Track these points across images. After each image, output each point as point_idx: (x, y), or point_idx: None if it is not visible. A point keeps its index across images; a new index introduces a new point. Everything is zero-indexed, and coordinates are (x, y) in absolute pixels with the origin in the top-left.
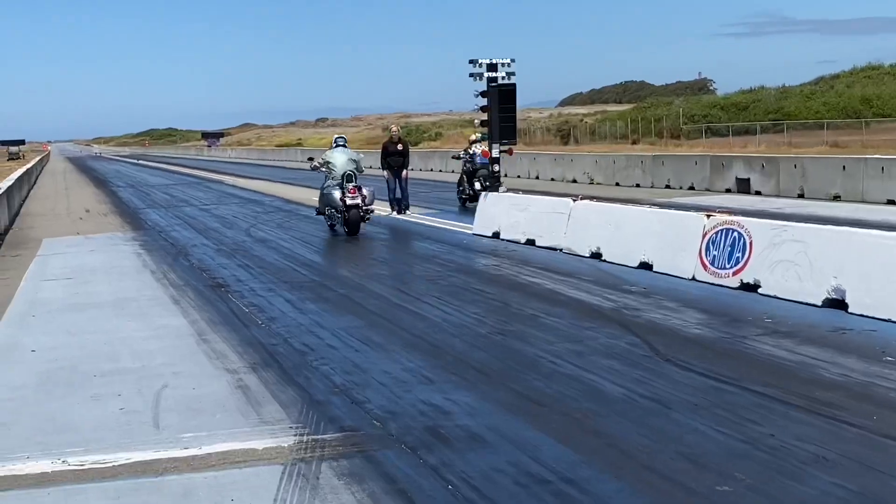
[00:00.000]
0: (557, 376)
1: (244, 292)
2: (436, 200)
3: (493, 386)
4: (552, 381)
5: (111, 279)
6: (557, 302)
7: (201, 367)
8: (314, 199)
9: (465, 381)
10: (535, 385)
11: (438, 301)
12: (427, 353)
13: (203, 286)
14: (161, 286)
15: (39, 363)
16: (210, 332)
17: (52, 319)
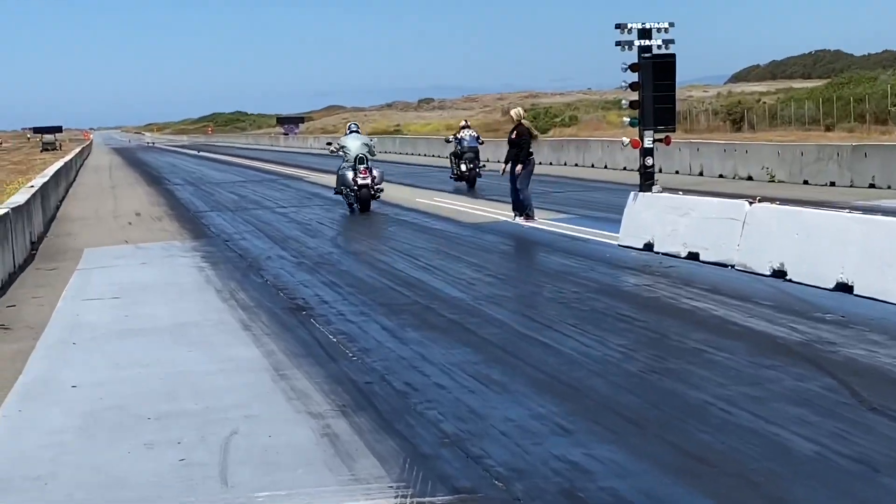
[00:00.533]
0: (730, 428)
1: (330, 317)
2: (570, 202)
3: (647, 439)
4: (723, 433)
5: (167, 299)
6: (729, 333)
7: (279, 410)
8: (418, 199)
9: (611, 433)
10: (701, 438)
11: (575, 330)
12: (561, 395)
13: (280, 309)
14: (228, 308)
15: (82, 402)
16: (289, 367)
17: (97, 348)
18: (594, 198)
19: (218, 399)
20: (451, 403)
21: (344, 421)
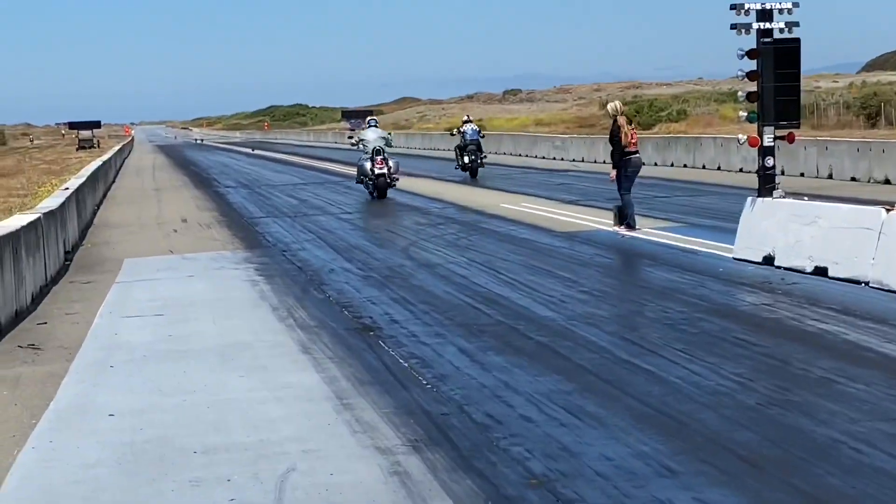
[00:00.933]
0: (864, 471)
1: (402, 338)
2: (677, 209)
3: (767, 482)
4: (856, 476)
5: (217, 317)
6: (863, 360)
7: (342, 444)
8: (502, 204)
9: (724, 474)
10: (830, 483)
11: (683, 356)
12: (667, 431)
13: (344, 329)
14: (286, 328)
15: (120, 433)
16: (354, 395)
17: (137, 372)
18: (705, 203)
19: (273, 431)
20: (539, 439)
21: (416, 457)
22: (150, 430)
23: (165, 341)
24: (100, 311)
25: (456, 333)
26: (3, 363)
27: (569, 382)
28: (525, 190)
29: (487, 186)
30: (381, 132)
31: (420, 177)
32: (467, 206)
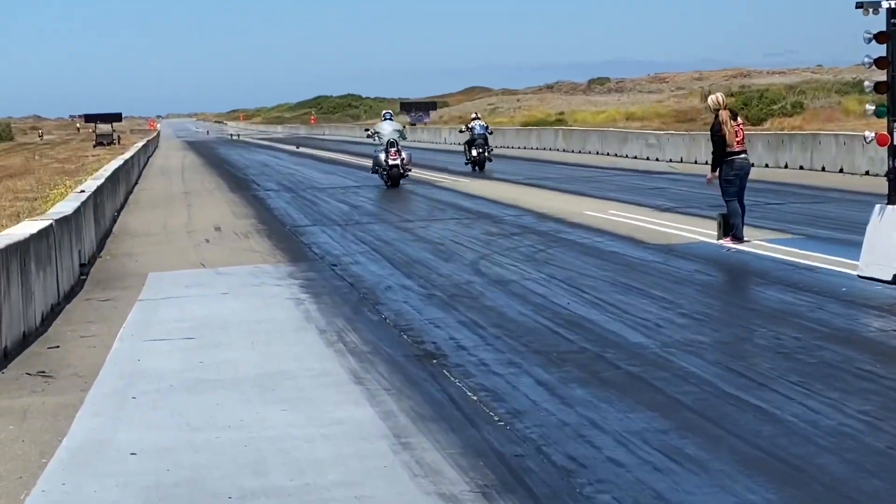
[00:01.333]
0: None
1: (469, 367)
2: (792, 217)
3: None
4: None
5: (255, 341)
6: None
7: (400, 491)
8: (587, 212)
9: None
10: None
11: (799, 390)
12: (780, 477)
13: (403, 356)
14: (335, 354)
15: (143, 475)
16: (414, 433)
17: (163, 404)
18: (825, 212)
19: (320, 474)
20: (629, 485)
21: None
22: (178, 471)
23: (196, 369)
24: (120, 333)
25: (533, 362)
26: (10, 393)
27: (664, 420)
28: (613, 195)
29: (568, 191)
30: (397, 125)
31: (494, 180)
32: (546, 214)
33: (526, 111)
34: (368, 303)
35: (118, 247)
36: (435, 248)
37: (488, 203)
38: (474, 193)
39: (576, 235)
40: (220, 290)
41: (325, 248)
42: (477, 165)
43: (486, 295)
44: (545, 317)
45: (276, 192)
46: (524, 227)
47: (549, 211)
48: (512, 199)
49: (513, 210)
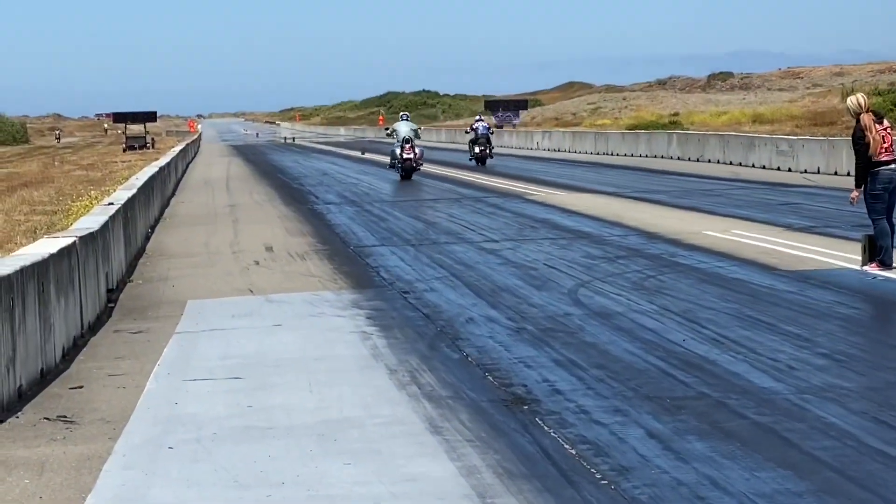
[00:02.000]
0: None
1: (567, 415)
2: None
3: None
4: None
5: (313, 382)
6: None
7: None
8: (706, 231)
9: None
10: None
11: None
12: None
13: (488, 401)
14: (407, 398)
15: None
16: (502, 493)
17: (204, 456)
18: None
19: None
20: None
21: None
22: None
23: (243, 415)
24: (154, 371)
25: (642, 409)
26: (26, 441)
27: (800, 480)
28: (737, 212)
29: (683, 206)
30: (413, 125)
31: (595, 193)
32: (657, 234)
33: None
34: (447, 338)
35: (152, 269)
36: (526, 273)
37: (588, 220)
38: (572, 209)
39: (692, 259)
40: (271, 322)
41: (396, 273)
42: (479, 161)
43: (586, 329)
44: (657, 356)
45: (338, 205)
46: (631, 250)
47: (660, 230)
48: (616, 216)
49: (617, 229)
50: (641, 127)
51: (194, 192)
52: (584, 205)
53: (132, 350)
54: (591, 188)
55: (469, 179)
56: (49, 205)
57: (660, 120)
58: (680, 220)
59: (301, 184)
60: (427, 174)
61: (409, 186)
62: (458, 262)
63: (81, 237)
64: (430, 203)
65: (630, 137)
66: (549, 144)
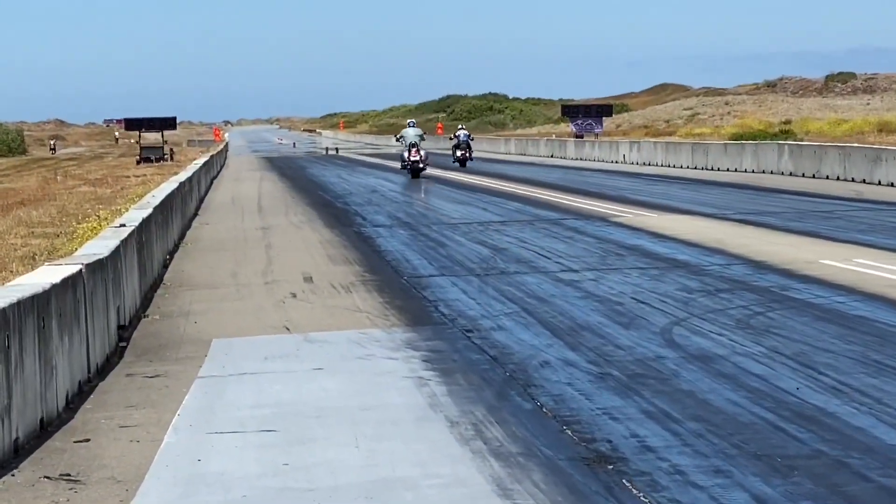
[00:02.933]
0: None
1: (659, 476)
2: None
3: None
4: None
5: (361, 436)
6: None
7: None
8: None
9: None
10: None
11: None
12: None
13: (566, 459)
14: (472, 456)
15: None
16: None
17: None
18: None
19: None
20: None
21: None
22: None
23: (279, 474)
24: (173, 422)
25: (748, 470)
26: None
27: None
28: (860, 237)
29: (797, 231)
30: (418, 131)
31: (693, 214)
32: (766, 263)
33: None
34: (518, 384)
35: (171, 303)
36: (610, 308)
37: (684, 246)
38: (665, 233)
39: (808, 293)
40: (311, 365)
41: (458, 308)
42: (461, 163)
43: (681, 375)
44: (765, 407)
45: (389, 228)
46: (735, 281)
47: (769, 259)
48: (717, 242)
49: (718, 257)
50: (747, 137)
51: (220, 213)
52: (679, 229)
53: (147, 397)
54: (688, 209)
55: (544, 198)
56: (50, 226)
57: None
58: (793, 246)
59: (346, 203)
60: (493, 191)
61: (471, 206)
62: (530, 296)
63: (88, 265)
64: (497, 225)
65: (733, 149)
66: (637, 157)
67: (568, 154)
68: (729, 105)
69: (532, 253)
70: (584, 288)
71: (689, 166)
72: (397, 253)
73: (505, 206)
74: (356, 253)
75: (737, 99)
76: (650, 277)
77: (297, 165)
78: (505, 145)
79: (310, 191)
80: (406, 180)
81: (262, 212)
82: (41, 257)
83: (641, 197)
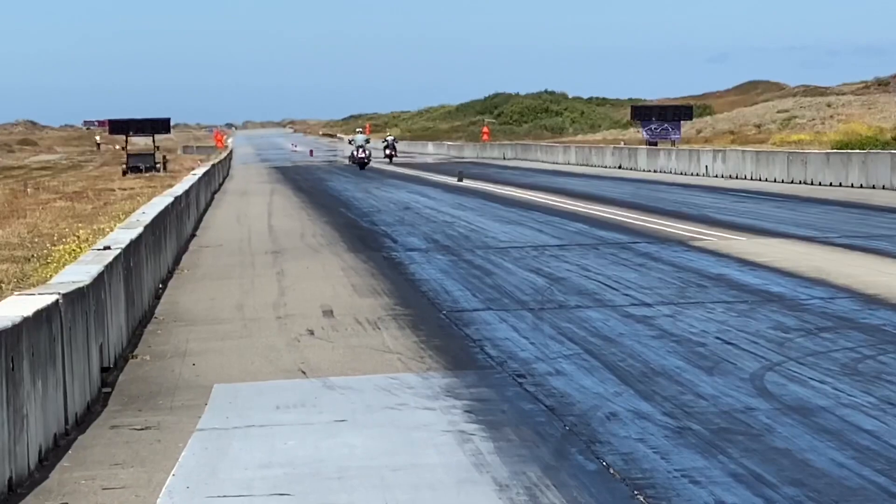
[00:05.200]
0: None
1: None
2: None
3: None
4: None
5: (391, 501)
6: None
7: None
8: None
9: None
10: None
11: None
12: None
13: None
14: None
15: None
16: None
17: None
18: None
19: None
20: None
21: None
22: None
23: None
24: (167, 484)
25: None
26: None
27: None
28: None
29: (862, 248)
30: (366, 136)
31: (791, 238)
32: (878, 297)
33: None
34: (580, 440)
35: (164, 340)
36: (690, 350)
37: (778, 276)
38: (756, 260)
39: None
40: (332, 416)
41: (507, 348)
42: (389, 158)
43: (776, 431)
44: (877, 469)
45: (425, 252)
46: (840, 318)
47: (881, 292)
48: (816, 271)
49: (819, 289)
50: (854, 145)
51: (223, 233)
52: (772, 255)
53: (136, 454)
54: (783, 231)
55: (611, 217)
56: (19, 248)
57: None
58: (860, 264)
59: (373, 222)
60: (549, 209)
61: (523, 227)
62: (594, 335)
63: (66, 294)
64: (554, 250)
65: (838, 160)
66: (722, 169)
67: (639, 165)
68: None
69: (597, 283)
70: (658, 325)
71: (785, 180)
72: (435, 282)
73: (564, 227)
74: (385, 282)
75: (841, 100)
76: (738, 313)
77: (313, 177)
78: (564, 154)
79: (330, 208)
80: (443, 194)
81: (272, 232)
82: (9, 286)
83: (727, 217)
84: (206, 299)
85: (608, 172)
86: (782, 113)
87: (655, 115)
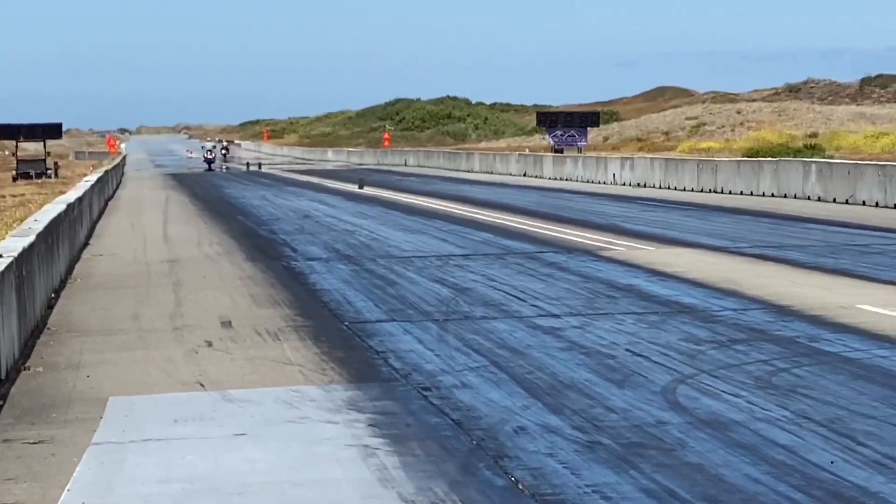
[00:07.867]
0: None
1: None
2: None
3: None
4: None
5: None
6: None
7: None
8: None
9: None
10: None
11: None
12: None
13: None
14: None
15: None
16: None
17: None
18: None
19: None
20: None
21: None
22: None
23: None
24: (62, 499)
25: None
26: None
27: None
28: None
29: (828, 269)
30: (215, 144)
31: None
32: (791, 308)
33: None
34: (487, 455)
35: (57, 352)
36: (600, 363)
37: (688, 287)
38: (666, 270)
39: (842, 345)
40: (232, 430)
41: (412, 360)
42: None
43: (689, 445)
44: (792, 485)
45: (326, 261)
46: (753, 330)
47: (794, 303)
48: (728, 282)
49: (731, 300)
50: (765, 153)
51: (117, 241)
52: (683, 265)
53: (29, 468)
54: (694, 241)
55: (516, 226)
56: None
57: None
58: (823, 288)
59: (272, 230)
60: (453, 217)
61: (426, 236)
62: (501, 346)
63: None
64: (459, 259)
65: (748, 168)
66: (630, 177)
67: (545, 173)
68: (742, 114)
69: (503, 294)
70: (567, 337)
71: (695, 188)
72: (336, 292)
73: (469, 237)
74: (285, 292)
75: (752, 106)
76: (648, 325)
77: (210, 184)
78: (467, 161)
79: (226, 215)
80: (344, 202)
81: (168, 241)
82: None
83: (636, 226)
84: (101, 309)
85: (513, 180)
86: (691, 120)
87: (561, 122)
